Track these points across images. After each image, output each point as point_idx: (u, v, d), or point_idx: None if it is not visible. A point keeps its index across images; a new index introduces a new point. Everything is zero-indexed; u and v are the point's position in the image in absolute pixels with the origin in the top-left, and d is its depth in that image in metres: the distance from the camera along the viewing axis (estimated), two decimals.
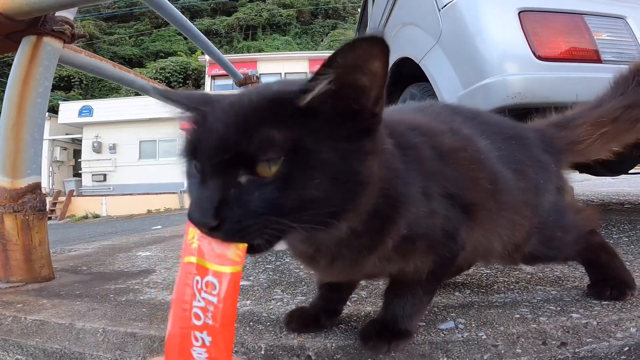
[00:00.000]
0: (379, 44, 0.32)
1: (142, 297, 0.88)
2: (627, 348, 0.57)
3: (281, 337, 0.61)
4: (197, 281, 0.31)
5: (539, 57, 1.19)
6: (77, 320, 0.73)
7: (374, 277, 0.61)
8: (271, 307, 0.76)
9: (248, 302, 0.80)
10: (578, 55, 1.21)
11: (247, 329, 0.65)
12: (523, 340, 0.59)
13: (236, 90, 0.47)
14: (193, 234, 0.33)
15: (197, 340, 0.31)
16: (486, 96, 1.26)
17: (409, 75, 1.96)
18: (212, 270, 0.31)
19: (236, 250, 0.32)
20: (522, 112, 1.31)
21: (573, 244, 0.69)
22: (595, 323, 0.61)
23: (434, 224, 0.49)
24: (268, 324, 0.67)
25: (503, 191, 0.58)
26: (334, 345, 0.59)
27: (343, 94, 0.35)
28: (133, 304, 0.83)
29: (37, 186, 1.07)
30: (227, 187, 0.34)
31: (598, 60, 1.21)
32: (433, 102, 1.06)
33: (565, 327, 0.60)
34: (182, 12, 1.80)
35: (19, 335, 0.73)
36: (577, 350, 0.57)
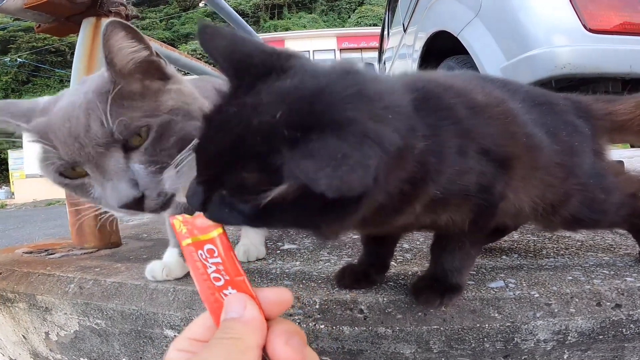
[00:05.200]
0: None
1: None
2: None
3: (334, 292, 0.64)
4: (201, 254, 0.35)
5: (590, 30, 1.20)
6: (150, 281, 0.75)
7: (410, 230, 0.64)
8: (320, 267, 0.79)
9: (297, 263, 0.83)
10: (631, 28, 1.21)
11: (301, 286, 0.68)
12: (577, 300, 0.59)
13: None
14: (178, 224, 0.36)
15: (226, 296, 0.35)
16: (532, 67, 1.27)
17: (444, 48, 1.93)
18: (205, 239, 0.35)
19: None
20: (569, 84, 1.29)
21: (618, 208, 0.66)
22: None
23: (469, 180, 0.49)
24: (320, 281, 0.70)
25: (537, 149, 0.57)
26: (385, 299, 0.61)
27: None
28: None
29: None
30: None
31: None
32: (463, 71, 1.07)
33: (620, 290, 0.59)
34: None
35: (100, 298, 0.75)
36: (631, 312, 0.56)
